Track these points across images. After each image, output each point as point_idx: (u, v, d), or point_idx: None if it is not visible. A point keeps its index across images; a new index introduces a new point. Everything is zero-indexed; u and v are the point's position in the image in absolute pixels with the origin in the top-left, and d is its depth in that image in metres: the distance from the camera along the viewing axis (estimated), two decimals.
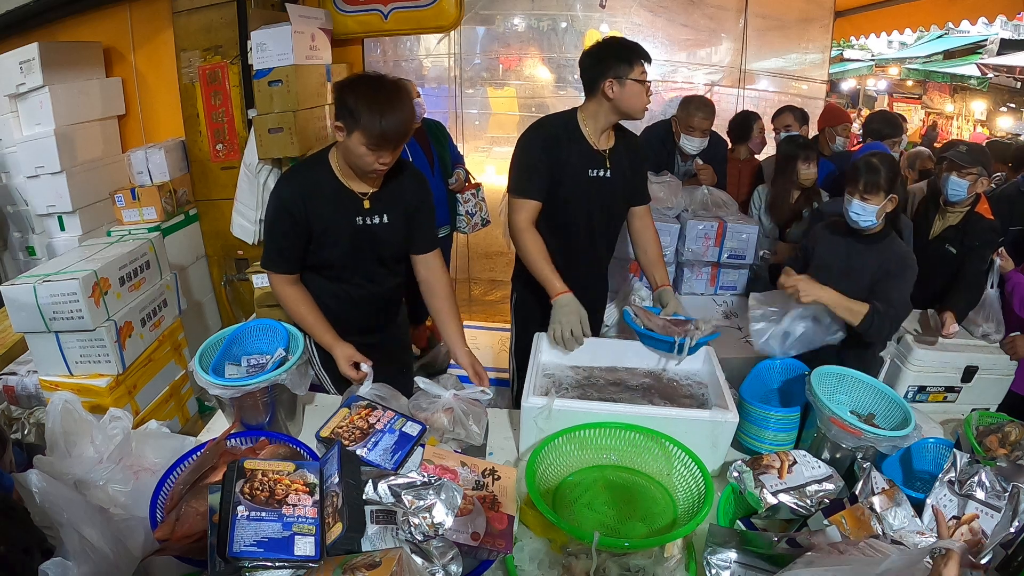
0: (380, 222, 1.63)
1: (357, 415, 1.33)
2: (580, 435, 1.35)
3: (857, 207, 1.77)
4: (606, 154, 1.86)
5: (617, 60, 1.73)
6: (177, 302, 2.60)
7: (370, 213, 1.61)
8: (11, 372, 2.35)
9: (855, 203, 1.77)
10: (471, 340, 3.37)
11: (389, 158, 1.50)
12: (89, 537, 0.98)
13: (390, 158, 1.50)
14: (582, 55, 1.84)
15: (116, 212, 2.78)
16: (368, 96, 1.43)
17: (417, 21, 3.11)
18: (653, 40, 4.02)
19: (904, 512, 1.11)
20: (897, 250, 1.81)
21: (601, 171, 1.86)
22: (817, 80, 4.26)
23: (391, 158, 1.50)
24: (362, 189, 1.60)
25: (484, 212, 3.38)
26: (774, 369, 1.73)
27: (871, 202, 1.75)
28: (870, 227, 1.81)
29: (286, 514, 0.98)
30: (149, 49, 2.94)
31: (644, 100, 1.77)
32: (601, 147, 1.86)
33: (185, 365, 2.56)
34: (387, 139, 1.44)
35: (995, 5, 3.54)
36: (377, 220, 1.62)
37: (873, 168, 1.75)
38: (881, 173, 1.74)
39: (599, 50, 1.79)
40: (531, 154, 1.83)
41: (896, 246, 1.82)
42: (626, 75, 1.73)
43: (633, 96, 1.75)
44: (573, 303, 1.72)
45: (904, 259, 1.79)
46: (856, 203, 1.77)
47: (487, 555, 1.09)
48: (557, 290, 1.75)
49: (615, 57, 1.74)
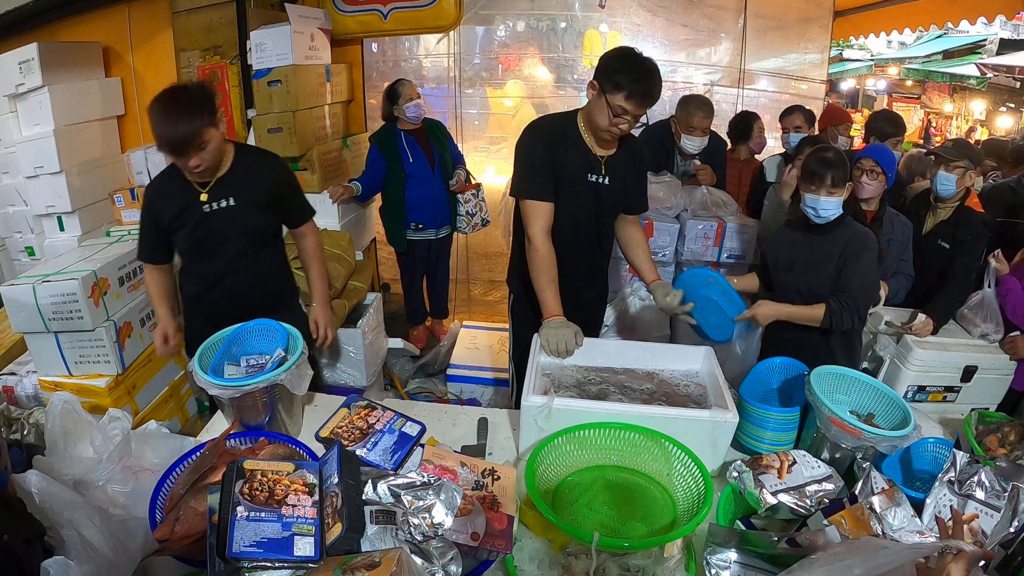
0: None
1: (357, 415, 1.33)
2: (580, 435, 1.35)
3: (825, 203, 1.80)
4: (603, 160, 1.83)
5: (612, 72, 1.66)
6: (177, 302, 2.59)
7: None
8: (11, 372, 2.35)
9: (822, 200, 1.80)
10: (471, 340, 3.41)
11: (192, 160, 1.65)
12: (89, 537, 0.98)
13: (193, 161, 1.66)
14: (606, 52, 1.76)
15: (115, 212, 2.78)
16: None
17: (417, 21, 3.11)
18: (653, 40, 4.02)
19: (904, 512, 1.11)
20: (855, 232, 1.85)
21: (599, 177, 1.84)
22: (816, 80, 4.26)
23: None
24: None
25: (484, 212, 3.38)
26: (774, 369, 1.72)
27: (837, 195, 1.80)
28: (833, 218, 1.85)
29: (285, 514, 0.98)
30: (148, 49, 2.94)
31: (606, 123, 1.70)
32: (599, 152, 1.82)
33: (184, 365, 2.56)
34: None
35: (994, 5, 3.54)
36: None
37: (834, 163, 1.79)
38: (841, 167, 1.79)
39: (613, 57, 1.70)
40: (535, 153, 1.80)
41: (854, 228, 1.86)
42: (607, 91, 1.67)
43: (599, 112, 1.70)
44: (564, 323, 1.70)
45: (862, 240, 1.83)
46: (823, 199, 1.80)
47: (487, 555, 1.09)
48: (551, 312, 1.73)
49: (613, 69, 1.66)
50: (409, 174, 3.11)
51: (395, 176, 3.10)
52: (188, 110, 1.60)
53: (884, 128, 2.84)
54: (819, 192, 1.80)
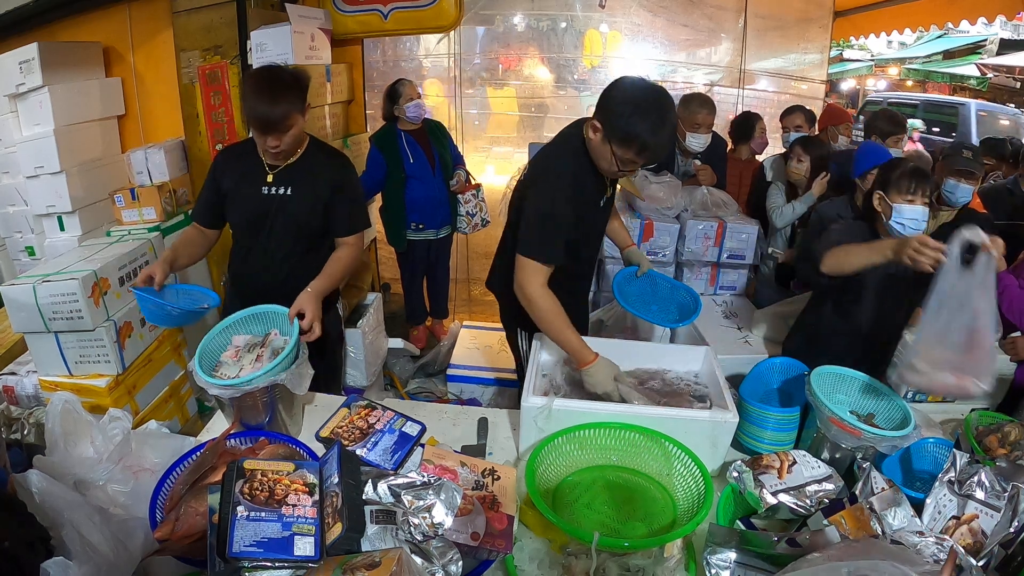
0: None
1: (357, 415, 1.33)
2: (580, 435, 1.35)
3: (924, 213, 1.69)
4: (607, 181, 1.75)
5: (621, 119, 1.48)
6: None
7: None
8: (11, 372, 2.35)
9: (921, 210, 1.68)
10: (471, 340, 3.41)
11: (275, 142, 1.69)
12: (89, 537, 0.98)
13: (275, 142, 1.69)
14: (626, 79, 1.55)
15: (116, 212, 2.78)
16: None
17: (417, 21, 3.11)
18: (653, 40, 4.02)
19: (904, 512, 1.11)
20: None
21: (604, 198, 1.78)
22: (816, 80, 4.27)
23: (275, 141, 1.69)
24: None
25: (484, 212, 3.38)
26: (774, 369, 1.73)
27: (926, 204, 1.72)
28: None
29: (286, 514, 0.98)
30: (149, 49, 2.94)
31: (613, 169, 1.57)
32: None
33: (185, 365, 2.56)
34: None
35: (995, 5, 3.54)
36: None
37: (926, 172, 1.70)
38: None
39: (622, 100, 1.49)
40: (563, 212, 1.59)
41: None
42: (615, 142, 1.50)
43: (602, 158, 1.57)
44: (607, 364, 1.54)
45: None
46: (921, 210, 1.68)
47: (487, 555, 1.09)
48: (588, 359, 1.54)
49: (622, 115, 1.47)
50: (409, 174, 3.11)
51: (395, 176, 3.10)
52: (282, 91, 1.65)
53: (884, 127, 2.84)
54: (916, 202, 1.65)
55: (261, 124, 1.66)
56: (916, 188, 1.66)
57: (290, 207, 1.80)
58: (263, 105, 1.64)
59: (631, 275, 2.00)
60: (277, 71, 1.73)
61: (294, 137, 1.72)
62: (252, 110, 1.66)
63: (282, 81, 1.68)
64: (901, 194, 1.68)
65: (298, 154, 1.81)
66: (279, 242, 1.83)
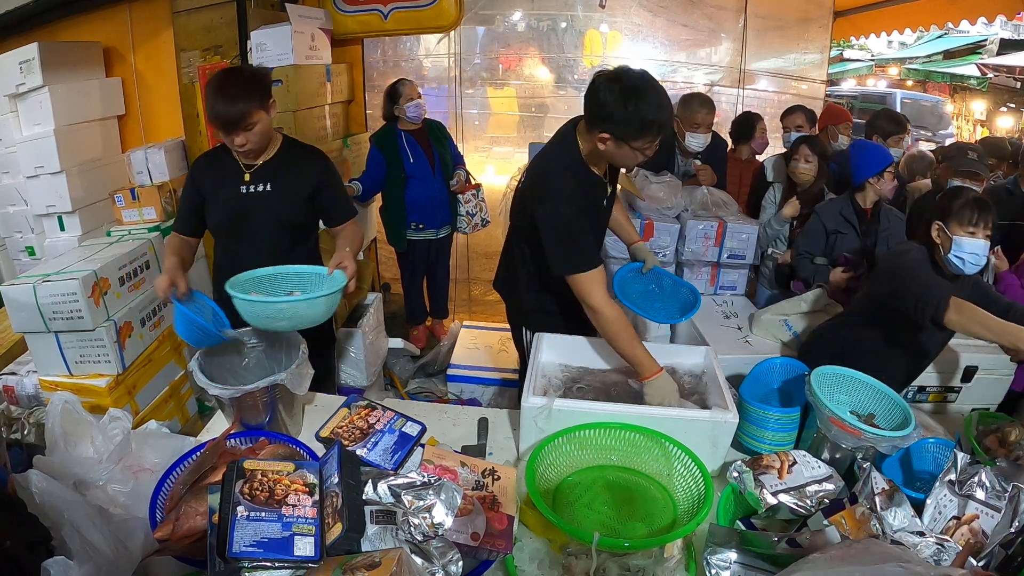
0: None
1: (357, 415, 1.33)
2: (580, 435, 1.35)
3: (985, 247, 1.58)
4: (606, 180, 1.76)
5: (630, 116, 1.46)
6: None
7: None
8: (11, 372, 2.35)
9: (982, 243, 1.57)
10: (471, 340, 3.41)
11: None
12: (89, 537, 0.98)
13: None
14: (598, 80, 1.51)
15: (116, 212, 2.78)
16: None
17: (417, 21, 3.11)
18: (653, 40, 4.02)
19: (904, 512, 1.11)
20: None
21: (607, 199, 1.78)
22: (816, 80, 4.27)
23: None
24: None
25: (484, 212, 3.38)
26: (774, 369, 1.73)
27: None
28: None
29: (286, 514, 0.98)
30: (149, 49, 2.94)
31: (635, 161, 1.58)
32: (600, 172, 1.73)
33: (185, 365, 2.56)
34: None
35: (995, 5, 3.54)
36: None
37: (987, 202, 1.58)
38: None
39: (622, 101, 1.46)
40: (576, 220, 1.60)
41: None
42: (632, 140, 1.50)
43: (622, 158, 1.57)
44: (667, 383, 1.53)
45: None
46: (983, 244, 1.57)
47: (487, 555, 1.09)
48: (654, 371, 1.53)
49: (629, 113, 1.46)
50: (409, 174, 3.11)
51: (395, 176, 3.10)
52: (241, 90, 1.67)
53: (885, 126, 2.84)
54: (978, 235, 1.54)
55: (222, 123, 1.68)
56: (979, 220, 1.57)
57: (271, 203, 1.82)
58: (221, 104, 1.66)
59: (635, 271, 2.00)
60: (235, 71, 1.78)
61: (261, 134, 1.73)
62: (212, 110, 1.68)
63: (239, 80, 1.70)
64: (962, 226, 1.59)
65: (273, 151, 1.84)
66: (263, 238, 1.85)
